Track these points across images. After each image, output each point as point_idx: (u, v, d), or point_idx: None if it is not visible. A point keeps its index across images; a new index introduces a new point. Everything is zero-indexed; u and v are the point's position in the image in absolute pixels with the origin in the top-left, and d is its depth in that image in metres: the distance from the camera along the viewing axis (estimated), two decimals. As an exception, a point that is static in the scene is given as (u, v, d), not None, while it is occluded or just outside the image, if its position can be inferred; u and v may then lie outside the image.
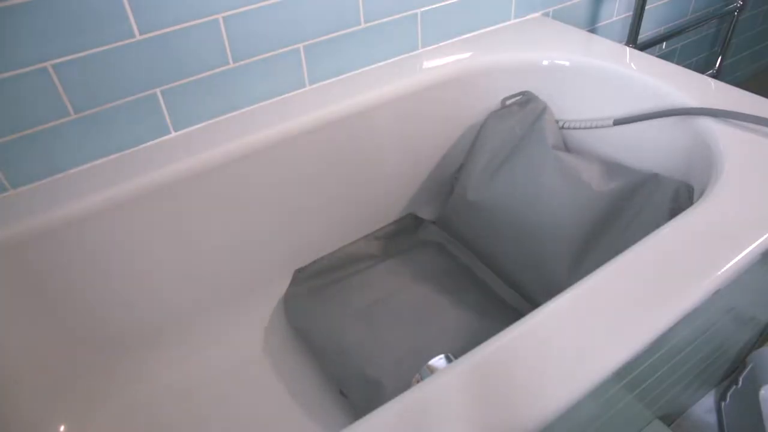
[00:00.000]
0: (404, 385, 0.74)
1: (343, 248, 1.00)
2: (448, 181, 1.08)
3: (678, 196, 0.74)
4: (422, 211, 1.09)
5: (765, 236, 0.58)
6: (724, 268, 0.55)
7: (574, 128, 0.95)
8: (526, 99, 0.97)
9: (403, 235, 1.04)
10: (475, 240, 0.95)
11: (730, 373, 0.98)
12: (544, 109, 0.94)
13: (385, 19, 0.93)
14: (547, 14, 1.14)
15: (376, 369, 0.76)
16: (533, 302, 0.87)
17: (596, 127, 0.92)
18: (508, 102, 0.99)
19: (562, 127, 0.96)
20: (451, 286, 0.90)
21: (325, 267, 0.96)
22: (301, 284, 0.93)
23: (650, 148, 0.87)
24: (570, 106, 0.97)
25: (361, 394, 0.76)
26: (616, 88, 0.91)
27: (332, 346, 0.82)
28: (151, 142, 0.82)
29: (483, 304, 0.86)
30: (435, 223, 1.04)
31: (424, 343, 0.80)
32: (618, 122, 0.88)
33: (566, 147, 0.99)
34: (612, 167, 0.84)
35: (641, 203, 0.77)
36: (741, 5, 1.46)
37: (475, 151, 0.96)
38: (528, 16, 1.11)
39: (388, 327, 0.83)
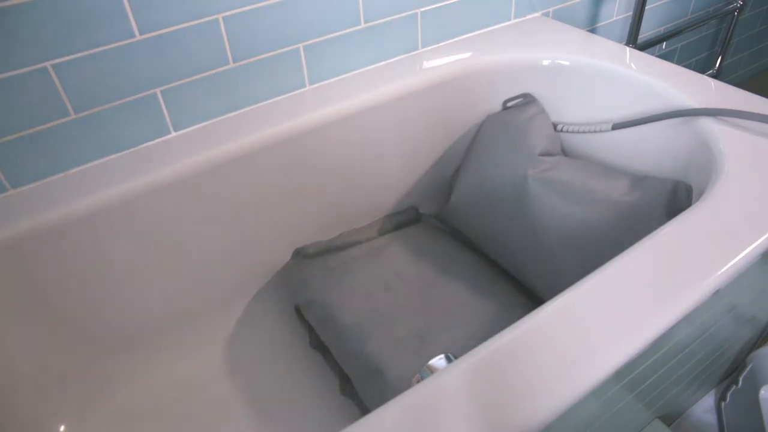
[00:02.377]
0: (405, 366, 0.73)
1: (344, 233, 0.99)
2: (448, 182, 1.08)
3: (676, 195, 0.74)
4: (422, 209, 1.09)
5: (765, 236, 0.58)
6: (724, 268, 0.55)
7: (572, 132, 0.95)
8: (525, 102, 0.97)
9: (405, 223, 1.03)
10: (474, 238, 0.95)
11: (730, 373, 0.98)
12: (540, 113, 0.94)
13: (385, 19, 0.93)
14: (547, 14, 1.14)
15: (376, 347, 0.75)
16: (537, 293, 0.87)
17: (594, 132, 0.92)
18: (509, 104, 0.99)
19: (561, 131, 0.96)
20: (453, 269, 0.89)
21: (325, 247, 0.95)
22: (300, 260, 0.93)
23: (650, 149, 0.87)
24: (570, 105, 0.97)
25: (361, 372, 0.75)
26: (616, 88, 0.91)
27: (332, 322, 0.81)
28: (151, 142, 0.82)
29: (486, 287, 0.86)
30: (436, 218, 1.04)
31: (426, 324, 0.79)
32: (617, 126, 0.88)
33: (564, 150, 0.99)
34: (605, 171, 0.84)
35: (637, 204, 0.77)
36: (741, 5, 1.46)
37: (472, 152, 0.96)
38: (528, 16, 1.11)
39: (390, 306, 0.82)
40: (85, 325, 0.81)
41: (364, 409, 0.77)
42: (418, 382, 0.49)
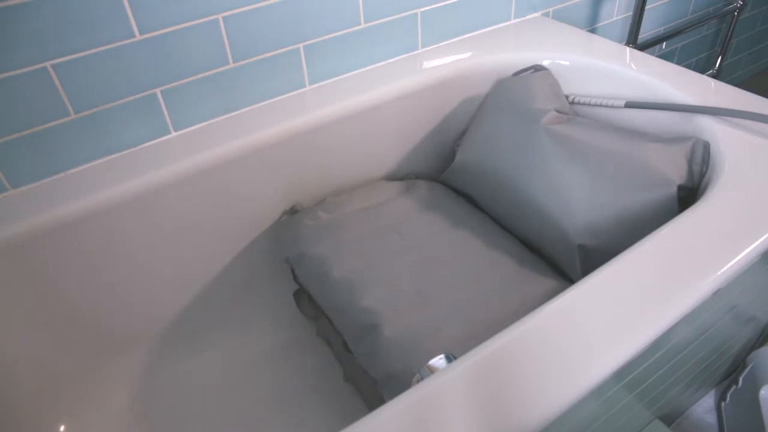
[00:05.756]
0: (402, 322, 0.69)
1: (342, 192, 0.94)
2: (451, 148, 1.05)
3: (694, 151, 0.72)
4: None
5: (765, 236, 0.58)
6: (724, 268, 0.55)
7: (584, 104, 0.93)
8: (536, 70, 0.95)
9: (405, 184, 0.98)
10: (478, 197, 0.92)
11: (730, 373, 0.98)
12: (552, 78, 0.92)
13: (385, 19, 0.93)
14: (547, 14, 1.14)
15: (371, 302, 0.71)
16: (543, 252, 0.83)
17: (606, 106, 0.90)
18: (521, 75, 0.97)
19: (573, 102, 0.94)
20: (458, 225, 0.85)
21: (321, 206, 0.90)
22: (292, 215, 0.90)
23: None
24: (570, 106, 0.97)
25: (354, 327, 0.71)
26: (616, 88, 0.91)
27: (324, 276, 0.77)
28: (151, 142, 0.82)
29: (495, 244, 0.82)
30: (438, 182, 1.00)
31: (426, 279, 0.75)
32: (629, 105, 0.86)
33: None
34: (623, 128, 0.81)
35: (655, 159, 0.73)
36: (741, 5, 1.46)
37: (481, 113, 0.93)
38: (528, 16, 1.11)
39: (387, 260, 0.78)
40: (85, 324, 0.81)
41: (366, 399, 0.76)
42: (418, 381, 0.49)
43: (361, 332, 0.71)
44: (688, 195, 0.73)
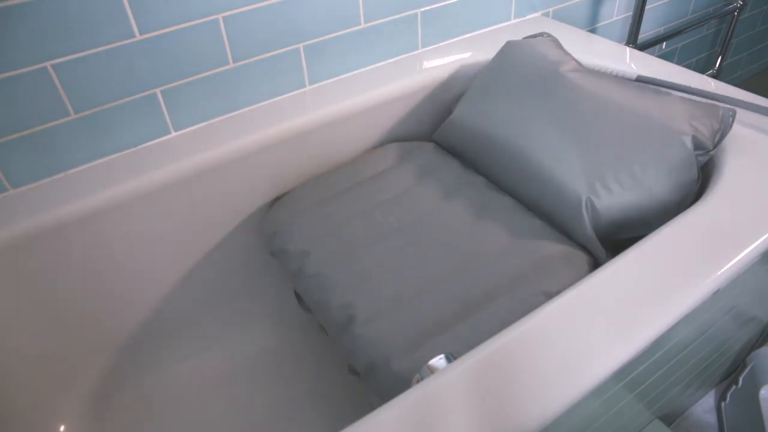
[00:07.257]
0: (383, 311, 0.67)
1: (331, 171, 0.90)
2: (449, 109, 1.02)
3: (714, 114, 0.70)
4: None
5: (765, 236, 0.58)
6: (724, 268, 0.55)
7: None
8: (541, 36, 0.93)
9: (394, 151, 0.93)
10: (473, 154, 0.87)
11: (730, 373, 0.98)
12: (557, 42, 0.90)
13: (385, 19, 0.93)
14: (547, 14, 1.14)
15: (343, 297, 0.69)
16: (542, 208, 0.78)
17: (617, 77, 0.88)
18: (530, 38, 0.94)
19: None
20: (450, 196, 0.81)
21: (302, 191, 0.87)
22: (275, 205, 0.87)
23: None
24: (570, 106, 0.96)
25: (332, 323, 0.69)
26: (616, 88, 0.91)
27: (301, 271, 0.75)
28: (151, 142, 0.82)
29: (486, 211, 0.77)
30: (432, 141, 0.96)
31: (412, 262, 0.72)
32: (641, 79, 0.85)
33: None
34: (634, 86, 0.77)
35: (669, 116, 0.70)
36: (741, 5, 1.46)
37: (485, 72, 0.90)
38: (528, 16, 1.11)
39: (370, 245, 0.75)
40: (85, 324, 0.81)
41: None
42: (418, 381, 0.49)
43: (340, 328, 0.69)
44: (705, 158, 0.70)
